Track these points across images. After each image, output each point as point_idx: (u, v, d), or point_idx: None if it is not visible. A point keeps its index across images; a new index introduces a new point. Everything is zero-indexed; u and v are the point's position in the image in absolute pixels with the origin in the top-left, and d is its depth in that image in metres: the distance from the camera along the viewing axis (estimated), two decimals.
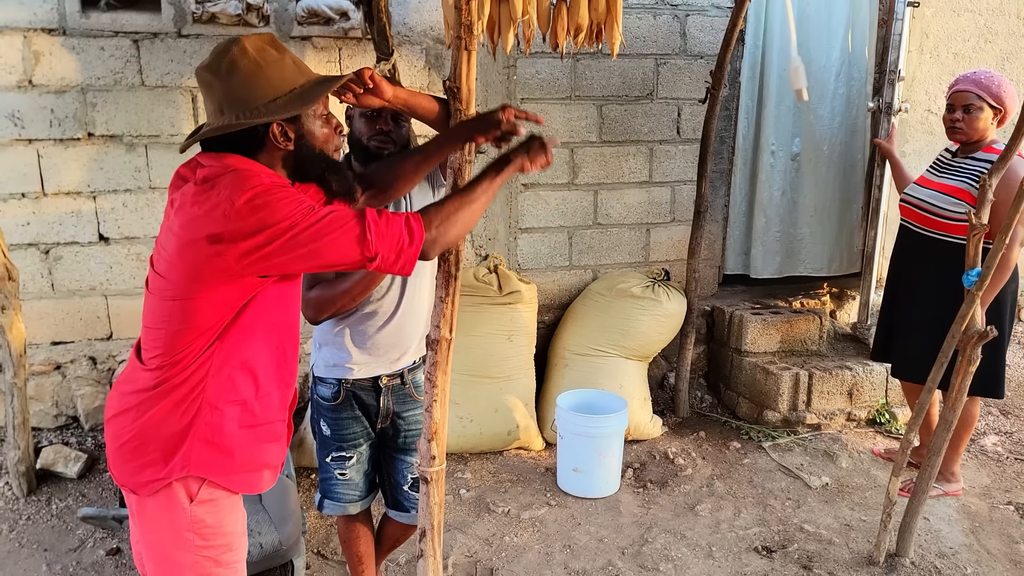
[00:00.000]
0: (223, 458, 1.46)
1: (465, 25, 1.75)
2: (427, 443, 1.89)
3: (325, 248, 1.37)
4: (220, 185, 1.38)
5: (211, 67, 1.44)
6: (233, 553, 1.54)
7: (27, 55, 3.10)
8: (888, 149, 3.33)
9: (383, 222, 1.41)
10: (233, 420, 1.47)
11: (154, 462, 1.45)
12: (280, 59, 1.46)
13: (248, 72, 1.42)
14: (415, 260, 1.44)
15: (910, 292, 3.01)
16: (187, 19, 3.21)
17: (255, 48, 1.44)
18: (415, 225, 1.44)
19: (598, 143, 3.88)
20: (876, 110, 3.58)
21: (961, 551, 2.77)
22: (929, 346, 2.71)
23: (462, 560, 2.71)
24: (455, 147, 1.75)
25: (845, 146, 4.08)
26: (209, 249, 1.35)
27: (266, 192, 1.36)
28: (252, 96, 1.42)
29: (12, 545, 2.73)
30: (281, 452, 1.61)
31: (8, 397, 2.94)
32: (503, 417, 3.44)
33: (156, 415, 1.44)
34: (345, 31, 3.37)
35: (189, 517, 1.46)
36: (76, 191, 3.25)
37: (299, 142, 1.47)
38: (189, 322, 1.40)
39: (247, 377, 1.48)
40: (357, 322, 2.02)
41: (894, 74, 3.40)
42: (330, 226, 1.36)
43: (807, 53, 3.95)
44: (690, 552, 2.76)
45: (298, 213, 1.35)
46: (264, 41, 1.47)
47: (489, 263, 3.58)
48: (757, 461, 3.42)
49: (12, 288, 2.89)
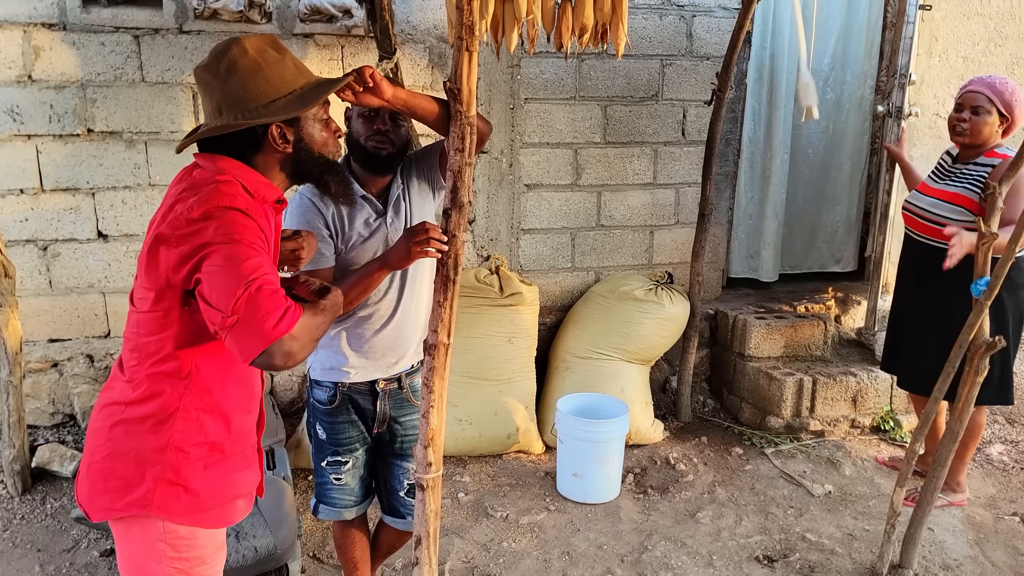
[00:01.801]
0: (189, 498, 1.40)
1: (467, 25, 1.72)
2: (424, 449, 1.86)
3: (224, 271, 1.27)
4: (198, 193, 1.34)
5: (210, 67, 1.41)
6: (207, 567, 1.48)
7: (27, 50, 3.07)
8: (898, 153, 3.28)
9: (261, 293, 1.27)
10: (199, 461, 1.41)
11: (114, 490, 1.39)
12: (281, 60, 1.44)
13: (247, 72, 1.39)
14: (254, 356, 1.27)
15: (914, 302, 2.97)
16: (188, 15, 3.18)
17: (255, 48, 1.42)
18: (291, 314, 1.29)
19: (602, 144, 3.85)
20: (885, 114, 3.53)
21: (966, 563, 2.73)
22: (934, 357, 2.67)
23: (459, 566, 2.67)
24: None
25: (830, 150, 4.30)
26: (155, 250, 1.32)
27: (222, 213, 1.30)
28: (251, 96, 1.39)
29: (5, 545, 2.70)
30: (254, 477, 1.56)
31: (3, 395, 2.92)
32: (503, 420, 3.40)
33: (121, 435, 1.38)
34: (348, 29, 3.33)
35: (162, 528, 1.41)
36: (75, 187, 3.23)
37: (297, 145, 1.44)
38: (153, 334, 1.37)
39: (218, 420, 1.43)
40: (354, 325, 1.99)
41: (904, 78, 3.35)
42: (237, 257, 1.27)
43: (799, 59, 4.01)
44: (690, 561, 2.73)
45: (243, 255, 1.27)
46: (265, 42, 1.45)
47: (491, 264, 3.55)
48: (759, 468, 3.38)
49: (8, 285, 2.86)
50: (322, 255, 1.91)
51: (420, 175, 2.02)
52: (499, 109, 3.64)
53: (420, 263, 1.95)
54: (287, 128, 1.43)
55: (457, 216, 1.78)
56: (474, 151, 1.76)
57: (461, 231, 1.79)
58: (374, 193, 1.98)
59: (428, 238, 1.73)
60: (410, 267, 1.94)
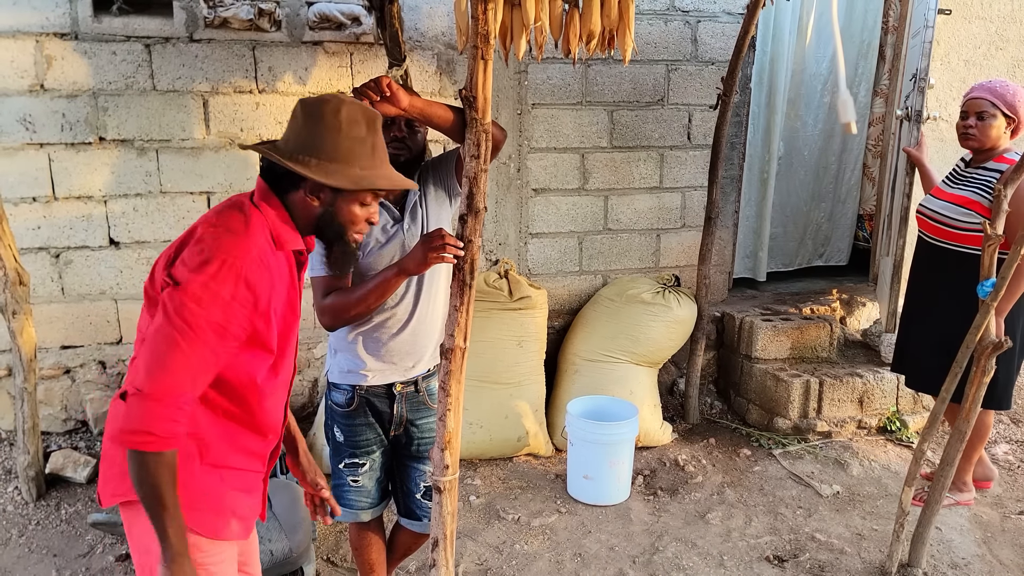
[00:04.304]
0: (180, 490, 1.38)
1: (481, 35, 1.75)
2: (440, 452, 1.88)
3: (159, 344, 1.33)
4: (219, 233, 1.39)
5: (307, 103, 1.49)
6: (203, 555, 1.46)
7: (39, 59, 3.11)
8: (918, 157, 3.30)
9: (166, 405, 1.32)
10: (193, 457, 1.44)
11: (117, 476, 1.44)
12: (362, 139, 1.48)
13: (326, 128, 1.46)
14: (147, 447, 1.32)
15: (923, 302, 3.00)
16: (199, 24, 3.21)
17: (349, 116, 1.47)
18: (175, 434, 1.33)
19: (609, 148, 3.88)
20: (904, 117, 3.52)
21: (974, 561, 2.75)
22: (940, 357, 2.69)
23: (472, 568, 2.70)
24: None
25: (822, 151, 4.49)
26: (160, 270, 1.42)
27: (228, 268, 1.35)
28: (313, 147, 1.45)
29: (22, 550, 2.73)
30: (254, 505, 1.57)
31: (18, 402, 2.94)
32: (513, 423, 3.43)
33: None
34: (357, 36, 3.37)
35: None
36: (87, 195, 3.26)
37: (325, 207, 1.49)
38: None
39: (207, 412, 1.45)
40: (372, 329, 2.01)
41: (923, 81, 3.34)
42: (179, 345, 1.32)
43: (801, 62, 4.18)
44: (701, 561, 2.75)
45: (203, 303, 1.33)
46: (363, 115, 1.49)
47: (500, 268, 3.58)
48: (768, 469, 3.40)
49: (23, 293, 2.89)
50: None
51: (437, 182, 2.05)
52: (507, 115, 3.67)
53: (436, 269, 1.98)
54: (324, 187, 1.47)
55: (473, 221, 1.80)
56: (489, 157, 1.78)
57: (477, 236, 1.82)
58: (392, 200, 2.01)
59: (444, 244, 1.76)
60: (426, 273, 1.97)
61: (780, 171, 4.42)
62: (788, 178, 4.50)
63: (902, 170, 3.51)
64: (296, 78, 3.37)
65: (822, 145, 4.49)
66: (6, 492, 3.04)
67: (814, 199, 4.59)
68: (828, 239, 4.72)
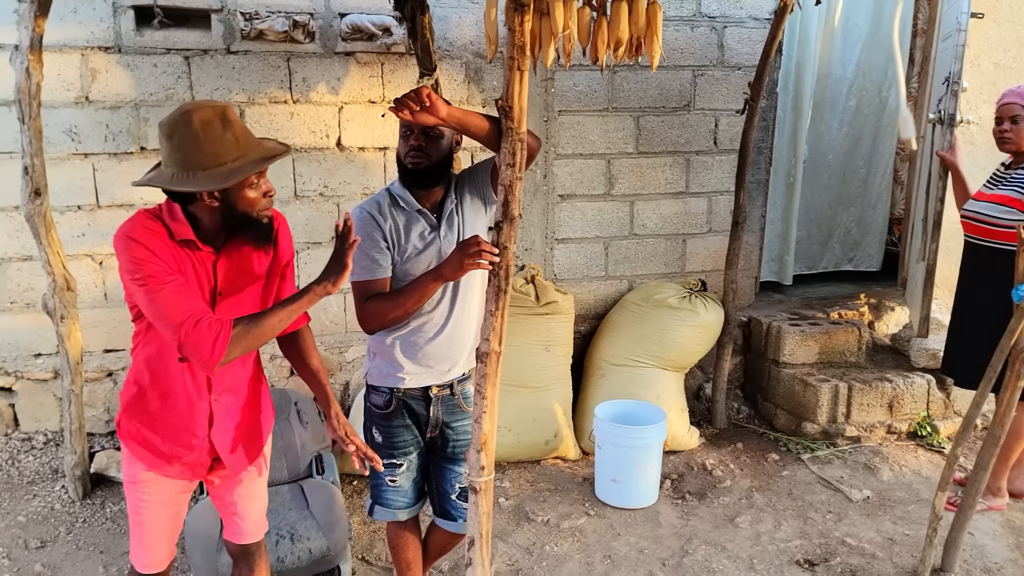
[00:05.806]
0: (122, 414, 1.84)
1: (518, 46, 1.80)
2: (476, 453, 1.94)
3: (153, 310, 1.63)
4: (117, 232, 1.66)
5: (162, 127, 1.65)
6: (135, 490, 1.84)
7: (84, 72, 3.22)
8: (952, 161, 3.30)
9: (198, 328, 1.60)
10: (132, 388, 1.82)
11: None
12: (221, 136, 1.63)
13: (186, 142, 1.61)
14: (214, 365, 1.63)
15: (970, 302, 3.04)
16: (236, 36, 3.31)
17: (201, 121, 1.62)
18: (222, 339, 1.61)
19: (635, 154, 3.91)
20: (937, 120, 3.51)
21: (1007, 566, 2.74)
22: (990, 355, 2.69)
23: (504, 569, 2.74)
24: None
25: (850, 154, 4.51)
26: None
27: (127, 239, 1.63)
28: (185, 162, 1.62)
29: (70, 547, 2.82)
30: (171, 453, 1.81)
31: (66, 403, 3.04)
32: (541, 426, 3.47)
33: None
34: (388, 47, 3.44)
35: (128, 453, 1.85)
36: (129, 203, 3.36)
37: (224, 202, 1.67)
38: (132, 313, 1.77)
39: (144, 369, 1.80)
40: (409, 333, 2.07)
41: (956, 85, 3.33)
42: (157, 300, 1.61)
43: (826, 66, 4.24)
44: (731, 564, 2.76)
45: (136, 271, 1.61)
46: (215, 114, 1.64)
47: (526, 273, 3.62)
48: (796, 473, 3.40)
49: (71, 298, 2.99)
50: (379, 265, 2.00)
51: (472, 190, 2.10)
52: (534, 121, 3.72)
53: (471, 275, 2.03)
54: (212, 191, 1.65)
55: (508, 228, 1.85)
56: (524, 166, 1.83)
57: (512, 243, 1.86)
58: (428, 207, 2.06)
59: (480, 250, 1.81)
60: (462, 279, 2.02)
61: (805, 174, 4.44)
62: (813, 181, 4.52)
63: (935, 174, 3.49)
64: (329, 88, 3.46)
65: (847, 148, 4.51)
66: (54, 491, 3.14)
67: (839, 202, 4.61)
68: (858, 244, 4.71)
